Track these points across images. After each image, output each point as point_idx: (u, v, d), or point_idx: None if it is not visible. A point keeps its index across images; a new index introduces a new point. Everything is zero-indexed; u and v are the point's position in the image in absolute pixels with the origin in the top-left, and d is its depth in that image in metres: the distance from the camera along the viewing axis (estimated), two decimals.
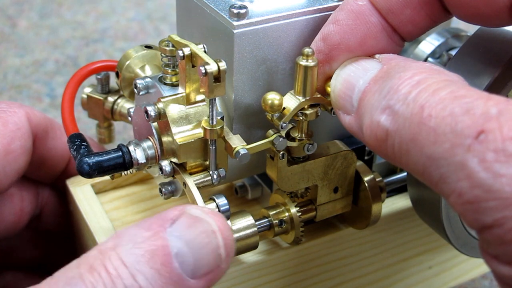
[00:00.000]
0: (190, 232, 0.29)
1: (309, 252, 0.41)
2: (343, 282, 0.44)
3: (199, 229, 0.29)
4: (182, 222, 0.29)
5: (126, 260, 0.28)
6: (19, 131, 0.39)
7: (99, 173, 0.35)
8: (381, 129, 0.28)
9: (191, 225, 0.29)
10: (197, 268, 0.29)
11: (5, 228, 0.41)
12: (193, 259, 0.28)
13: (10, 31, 0.85)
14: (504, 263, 0.24)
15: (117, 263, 0.28)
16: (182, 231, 0.29)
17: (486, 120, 0.24)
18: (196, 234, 0.29)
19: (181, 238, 0.28)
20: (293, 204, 0.38)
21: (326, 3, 0.36)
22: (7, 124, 0.39)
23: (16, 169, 0.39)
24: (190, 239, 0.29)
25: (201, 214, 0.29)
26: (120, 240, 0.28)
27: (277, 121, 0.34)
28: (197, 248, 0.29)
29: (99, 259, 0.28)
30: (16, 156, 0.39)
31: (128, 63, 0.41)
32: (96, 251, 0.28)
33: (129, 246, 0.28)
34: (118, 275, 0.27)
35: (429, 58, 0.43)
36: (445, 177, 0.25)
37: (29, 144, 0.40)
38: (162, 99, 0.35)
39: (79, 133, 0.39)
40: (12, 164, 0.38)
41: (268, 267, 0.40)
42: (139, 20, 0.90)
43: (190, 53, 0.34)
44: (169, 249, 0.28)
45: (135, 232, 0.29)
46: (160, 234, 0.28)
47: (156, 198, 0.45)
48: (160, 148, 0.36)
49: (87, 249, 0.43)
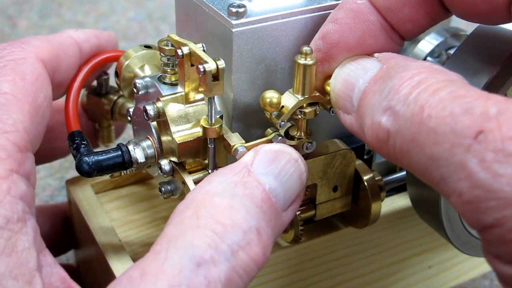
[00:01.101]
0: (275, 166, 0.29)
1: (308, 252, 0.41)
2: (343, 282, 0.44)
3: (283, 161, 0.30)
4: (262, 159, 0.30)
5: (234, 204, 0.28)
6: (38, 81, 0.36)
7: (98, 172, 0.35)
8: (382, 130, 0.28)
9: (274, 158, 0.30)
10: (287, 199, 0.30)
11: None
12: (283, 191, 0.29)
13: (10, 31, 0.86)
14: (506, 262, 0.24)
15: (227, 209, 0.28)
16: (267, 167, 0.29)
17: (485, 120, 0.24)
18: (282, 166, 0.30)
19: (268, 173, 0.29)
20: None
21: (325, 1, 0.36)
22: (25, 76, 0.35)
23: (46, 122, 0.36)
24: (277, 173, 0.29)
25: (280, 147, 0.30)
26: (211, 190, 0.29)
27: (275, 120, 0.34)
28: (285, 179, 0.29)
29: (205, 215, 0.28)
30: (44, 110, 0.36)
31: (127, 63, 0.41)
32: (190, 211, 0.28)
33: (227, 191, 0.28)
34: (233, 223, 0.27)
35: (428, 57, 0.43)
36: (445, 177, 0.25)
37: (50, 90, 0.37)
38: (161, 98, 0.35)
39: (79, 131, 0.39)
40: (42, 120, 0.36)
41: (267, 266, 0.40)
42: (139, 20, 0.90)
43: (189, 52, 0.34)
44: (264, 186, 0.29)
45: (221, 179, 0.29)
46: (248, 174, 0.29)
47: (156, 198, 0.45)
48: (160, 147, 0.36)
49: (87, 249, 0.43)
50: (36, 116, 0.35)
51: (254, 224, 0.28)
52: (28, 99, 0.34)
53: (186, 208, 0.28)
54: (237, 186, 0.29)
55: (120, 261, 0.39)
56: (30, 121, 0.34)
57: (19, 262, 0.29)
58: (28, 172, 0.33)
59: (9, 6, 0.91)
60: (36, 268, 0.30)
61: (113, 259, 0.39)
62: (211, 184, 0.29)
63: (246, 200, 0.28)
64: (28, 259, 0.29)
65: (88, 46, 0.40)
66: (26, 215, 0.31)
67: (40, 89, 0.35)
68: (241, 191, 0.28)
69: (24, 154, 0.33)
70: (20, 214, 0.30)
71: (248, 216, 0.28)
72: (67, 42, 0.39)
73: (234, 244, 0.27)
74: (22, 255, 0.29)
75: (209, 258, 0.26)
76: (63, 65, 0.38)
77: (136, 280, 0.27)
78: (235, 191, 0.28)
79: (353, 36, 0.32)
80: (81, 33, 0.40)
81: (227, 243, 0.27)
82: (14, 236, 0.29)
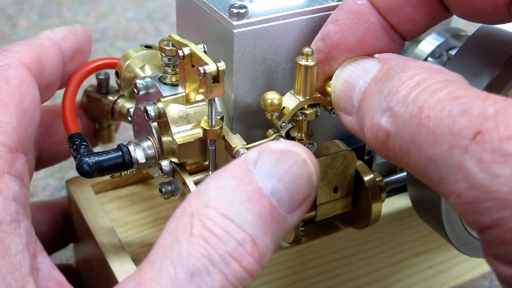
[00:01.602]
0: (281, 167, 0.28)
1: (309, 252, 0.41)
2: (343, 282, 0.44)
3: (290, 162, 0.28)
4: (267, 159, 0.28)
5: (228, 213, 0.27)
6: (23, 84, 0.35)
7: (99, 173, 0.35)
8: (382, 131, 0.28)
9: (280, 159, 0.28)
10: (292, 201, 0.28)
11: None
12: (288, 193, 0.28)
13: (10, 31, 0.85)
14: (505, 263, 0.24)
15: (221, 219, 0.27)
16: (271, 168, 0.28)
17: (483, 120, 0.24)
18: (287, 167, 0.28)
19: (271, 175, 0.27)
20: None
21: (326, 2, 0.36)
22: (9, 81, 0.35)
23: (36, 124, 0.36)
24: (282, 174, 0.27)
25: (287, 146, 0.28)
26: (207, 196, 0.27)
27: (276, 121, 0.34)
28: (291, 181, 0.28)
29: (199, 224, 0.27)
30: (32, 112, 0.35)
31: (128, 63, 0.41)
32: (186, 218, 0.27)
33: (222, 199, 0.27)
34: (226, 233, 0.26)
35: (429, 58, 0.43)
36: (444, 178, 0.25)
37: (37, 92, 0.37)
38: (162, 98, 0.35)
39: (79, 133, 0.39)
40: (32, 122, 0.35)
41: (268, 267, 0.40)
42: (139, 20, 0.90)
43: (189, 53, 0.34)
44: (263, 191, 0.27)
45: (219, 184, 0.28)
46: (247, 178, 0.27)
47: (156, 198, 0.45)
48: (160, 148, 0.36)
49: (87, 249, 0.43)
50: (24, 118, 0.34)
51: (249, 234, 0.27)
52: (14, 101, 0.34)
53: (181, 215, 0.28)
54: (235, 191, 0.27)
55: (120, 261, 0.39)
56: (18, 122, 0.34)
57: (12, 267, 0.29)
58: (20, 173, 0.32)
59: (9, 6, 0.91)
60: (29, 272, 0.29)
61: (113, 259, 0.39)
62: (208, 189, 0.28)
63: (242, 208, 0.27)
64: (21, 263, 0.29)
65: (67, 44, 0.40)
66: (20, 216, 0.30)
67: (26, 91, 0.35)
68: (238, 197, 0.27)
69: (14, 154, 0.32)
70: (14, 215, 0.30)
71: (243, 225, 0.27)
72: (47, 43, 0.39)
73: (226, 254, 0.26)
74: (15, 259, 0.29)
75: (203, 268, 0.26)
76: (47, 67, 0.38)
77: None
78: (231, 197, 0.27)
79: (353, 37, 0.32)
80: (58, 32, 0.40)
81: (220, 253, 0.26)
82: (8, 238, 0.29)
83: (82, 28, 0.42)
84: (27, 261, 0.29)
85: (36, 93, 0.36)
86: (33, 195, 0.60)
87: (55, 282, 0.31)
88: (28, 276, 0.29)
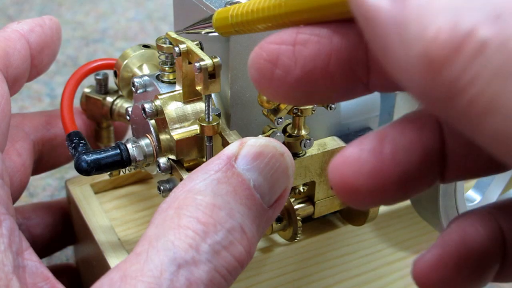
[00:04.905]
0: (260, 161, 0.28)
1: (307, 250, 0.41)
2: (342, 280, 0.44)
3: (269, 155, 0.28)
4: (247, 154, 0.28)
5: (216, 202, 0.27)
6: None
7: (97, 171, 0.35)
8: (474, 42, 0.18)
9: (259, 153, 0.28)
10: (272, 195, 0.28)
11: (14, 190, 0.39)
12: (268, 187, 0.28)
13: None
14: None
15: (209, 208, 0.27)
16: (251, 162, 0.28)
17: None
18: (267, 161, 0.28)
19: (252, 169, 0.28)
20: (291, 200, 0.38)
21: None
22: None
23: (8, 118, 0.35)
24: (262, 168, 0.28)
25: (265, 141, 0.29)
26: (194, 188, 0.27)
27: (273, 117, 0.34)
28: (270, 174, 0.28)
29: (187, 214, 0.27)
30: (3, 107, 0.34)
31: (126, 63, 0.41)
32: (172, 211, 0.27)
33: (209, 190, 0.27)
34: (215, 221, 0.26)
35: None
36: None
37: (5, 86, 0.35)
38: (159, 96, 0.35)
39: (77, 131, 0.39)
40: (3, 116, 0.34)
41: (266, 264, 0.40)
42: (139, 20, 0.90)
43: (186, 50, 0.34)
44: (248, 183, 0.28)
45: (204, 177, 0.28)
46: (230, 171, 0.28)
47: (155, 197, 0.45)
48: (158, 145, 0.36)
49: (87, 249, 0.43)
50: None
51: (238, 222, 0.27)
52: None
53: (168, 207, 0.28)
54: (220, 183, 0.27)
55: (120, 260, 0.39)
56: None
57: None
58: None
59: (9, 6, 0.91)
60: (12, 271, 0.29)
61: (112, 259, 0.39)
62: (193, 182, 0.28)
63: (229, 198, 0.27)
64: (4, 262, 0.29)
65: (35, 36, 0.39)
66: (1, 216, 0.30)
67: None
68: (224, 188, 0.27)
69: None
70: None
71: (232, 214, 0.27)
72: (14, 36, 0.38)
73: (216, 243, 0.26)
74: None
75: (191, 259, 0.26)
76: (14, 60, 0.37)
77: (117, 282, 0.26)
78: (218, 188, 0.27)
79: None
80: (25, 24, 0.39)
81: (209, 243, 0.26)
82: None
83: (51, 20, 0.41)
84: (9, 260, 0.29)
85: (5, 88, 0.35)
86: (33, 195, 0.60)
87: (42, 278, 0.31)
88: (12, 274, 0.29)
